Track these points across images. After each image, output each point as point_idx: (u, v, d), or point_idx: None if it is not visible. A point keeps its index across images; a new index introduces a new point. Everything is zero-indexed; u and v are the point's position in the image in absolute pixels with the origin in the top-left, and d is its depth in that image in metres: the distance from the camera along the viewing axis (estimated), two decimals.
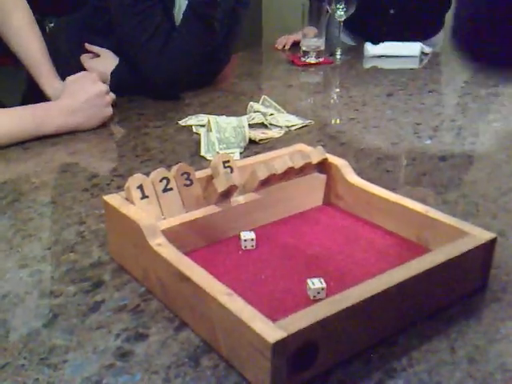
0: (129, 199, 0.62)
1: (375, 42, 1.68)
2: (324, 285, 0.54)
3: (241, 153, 0.95)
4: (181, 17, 1.23)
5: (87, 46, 1.32)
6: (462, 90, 1.35)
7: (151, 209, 0.62)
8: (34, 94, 1.19)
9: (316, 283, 0.54)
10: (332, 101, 1.32)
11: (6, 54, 1.23)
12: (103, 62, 1.30)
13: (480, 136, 1.04)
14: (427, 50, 1.68)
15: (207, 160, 0.93)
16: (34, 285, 0.61)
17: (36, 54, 1.17)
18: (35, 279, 0.62)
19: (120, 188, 0.76)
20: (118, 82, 1.26)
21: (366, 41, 1.70)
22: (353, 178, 0.71)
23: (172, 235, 0.59)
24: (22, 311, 0.57)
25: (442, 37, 1.86)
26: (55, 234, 0.71)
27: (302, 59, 1.61)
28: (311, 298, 0.54)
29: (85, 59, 1.30)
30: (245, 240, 0.64)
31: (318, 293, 0.54)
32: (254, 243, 0.64)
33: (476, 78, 1.44)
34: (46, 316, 0.56)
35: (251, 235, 0.64)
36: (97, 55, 1.31)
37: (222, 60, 1.39)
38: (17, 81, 1.43)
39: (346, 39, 1.86)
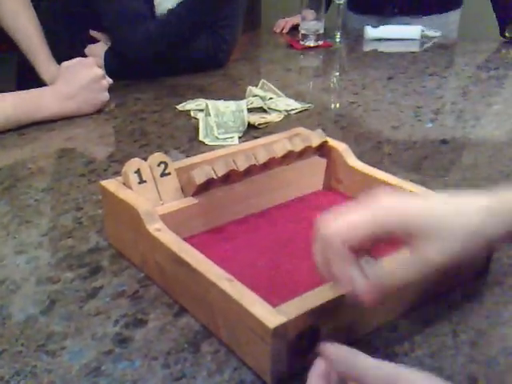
0: (126, 184, 0.61)
1: (383, 20, 1.65)
2: None
3: (239, 137, 0.94)
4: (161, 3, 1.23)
5: (91, 32, 1.30)
6: (463, 72, 1.34)
7: (149, 194, 0.61)
8: (27, 80, 1.18)
9: None
10: (332, 84, 1.30)
11: (1, 41, 1.21)
12: (101, 46, 1.28)
13: (481, 119, 1.03)
14: (432, 33, 1.65)
15: (206, 145, 0.92)
16: (31, 271, 0.60)
17: (33, 39, 1.16)
18: (32, 266, 0.61)
19: (117, 173, 0.75)
20: (110, 64, 1.25)
21: (377, 16, 1.66)
22: (353, 161, 0.70)
23: (171, 220, 0.58)
24: (19, 298, 0.56)
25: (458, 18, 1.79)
26: (52, 220, 0.70)
27: (301, 42, 1.59)
28: None
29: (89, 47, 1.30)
30: None
31: None
32: None
33: (476, 61, 1.43)
34: (43, 302, 0.55)
35: None
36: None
37: (227, 39, 1.36)
38: (11, 67, 1.41)
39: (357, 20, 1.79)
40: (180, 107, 1.09)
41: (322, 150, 0.72)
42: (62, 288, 0.57)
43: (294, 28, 1.76)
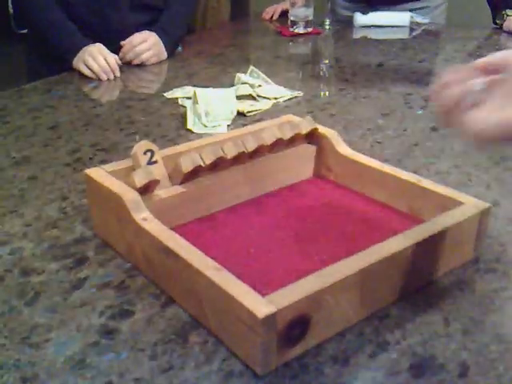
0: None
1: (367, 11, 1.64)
2: None
3: (228, 125, 0.93)
4: None
5: None
6: (453, 59, 1.33)
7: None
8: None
9: None
10: (321, 71, 1.29)
11: None
12: None
13: None
14: (421, 20, 1.64)
15: (194, 133, 0.91)
16: (15, 262, 0.59)
17: None
18: (16, 257, 0.60)
19: (103, 162, 0.73)
20: None
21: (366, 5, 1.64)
22: (343, 148, 0.69)
23: (158, 209, 0.57)
24: (2, 289, 0.54)
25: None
26: (37, 210, 0.69)
27: (291, 29, 1.58)
28: None
29: None
30: None
31: None
32: None
33: (466, 48, 1.42)
34: (27, 294, 0.54)
35: None
36: None
37: None
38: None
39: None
40: (168, 95, 1.08)
41: (312, 137, 0.70)
42: (46, 279, 0.56)
43: (283, 15, 1.75)
